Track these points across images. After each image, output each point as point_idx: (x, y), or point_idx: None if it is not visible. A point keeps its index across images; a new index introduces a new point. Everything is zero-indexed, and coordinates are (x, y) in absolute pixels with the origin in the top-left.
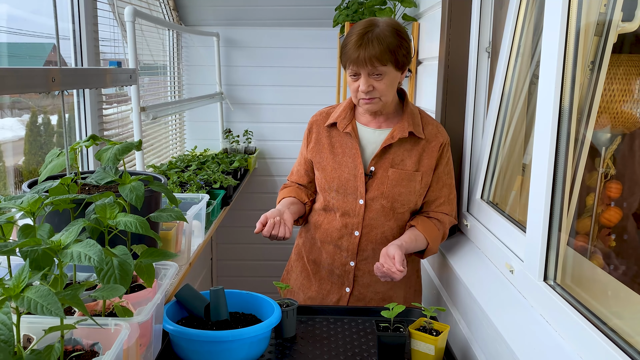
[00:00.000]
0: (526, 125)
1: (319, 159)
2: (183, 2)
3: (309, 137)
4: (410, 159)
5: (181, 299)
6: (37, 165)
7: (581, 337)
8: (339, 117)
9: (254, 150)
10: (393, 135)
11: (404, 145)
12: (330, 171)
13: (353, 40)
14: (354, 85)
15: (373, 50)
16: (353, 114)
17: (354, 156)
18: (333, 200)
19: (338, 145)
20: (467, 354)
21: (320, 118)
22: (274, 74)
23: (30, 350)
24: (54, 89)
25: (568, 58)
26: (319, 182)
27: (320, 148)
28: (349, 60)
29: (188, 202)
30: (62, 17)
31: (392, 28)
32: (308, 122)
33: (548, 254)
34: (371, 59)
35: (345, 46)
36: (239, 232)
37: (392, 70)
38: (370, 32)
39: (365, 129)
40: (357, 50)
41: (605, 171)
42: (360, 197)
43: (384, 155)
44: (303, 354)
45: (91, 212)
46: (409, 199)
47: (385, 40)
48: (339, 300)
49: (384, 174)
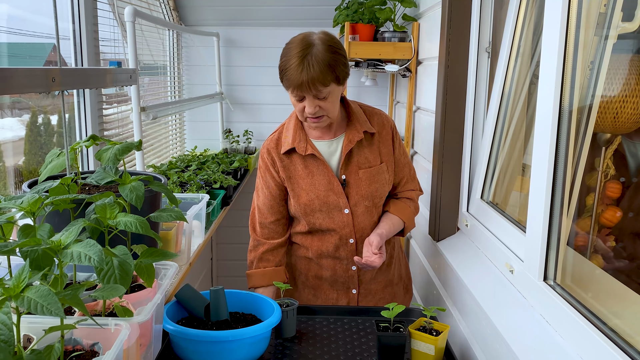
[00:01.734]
0: (526, 125)
1: (292, 186)
2: (183, 2)
3: (274, 166)
4: (372, 155)
5: (181, 299)
6: (37, 165)
7: (581, 337)
8: (294, 142)
9: (254, 150)
10: (350, 140)
11: (362, 145)
12: (306, 195)
13: (293, 64)
14: (299, 106)
15: (315, 74)
16: (304, 133)
17: (323, 173)
18: (319, 220)
19: (302, 167)
20: (467, 354)
21: (273, 146)
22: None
23: (30, 350)
24: (54, 89)
25: (568, 58)
26: (298, 208)
27: (289, 175)
28: (292, 86)
29: (188, 202)
30: (62, 17)
31: (327, 45)
32: (261, 153)
33: (548, 254)
34: (314, 82)
35: (285, 70)
36: (239, 232)
37: (334, 87)
38: (309, 54)
39: (321, 144)
40: (299, 75)
41: (605, 171)
42: (345, 207)
43: (349, 162)
44: (303, 354)
45: (91, 212)
46: (384, 190)
47: (325, 61)
48: (349, 302)
49: (356, 178)
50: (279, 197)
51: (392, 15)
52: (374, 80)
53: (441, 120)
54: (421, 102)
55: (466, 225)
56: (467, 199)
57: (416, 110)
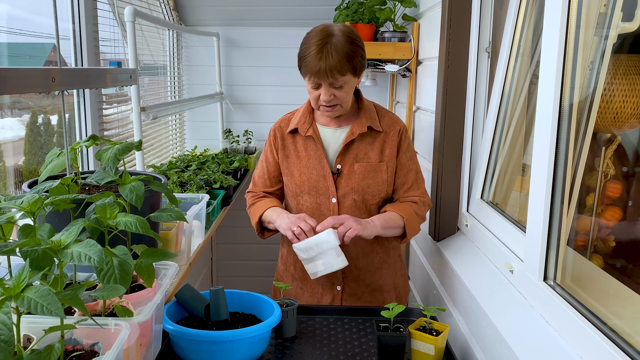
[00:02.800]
0: (526, 125)
1: (287, 164)
2: (183, 2)
3: (275, 144)
4: (373, 152)
5: (181, 299)
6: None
7: (581, 337)
8: (299, 122)
9: (254, 150)
10: (353, 131)
11: (365, 140)
12: (298, 175)
13: (312, 52)
14: (315, 93)
15: (333, 62)
16: (312, 117)
17: (319, 157)
18: (306, 203)
19: (302, 149)
20: (467, 354)
21: (282, 125)
22: (274, 74)
23: (30, 350)
24: (54, 89)
25: (568, 58)
26: (289, 187)
27: (286, 154)
28: (309, 73)
29: (188, 202)
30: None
31: (347, 36)
32: (270, 128)
33: (548, 254)
34: (332, 70)
35: (304, 57)
36: (239, 232)
37: (350, 78)
38: (328, 43)
39: (326, 130)
40: (317, 62)
41: (605, 171)
42: (332, 196)
43: (347, 152)
44: (303, 354)
45: (91, 212)
46: (378, 189)
47: (344, 51)
48: (333, 300)
49: (350, 170)
50: (272, 174)
51: (392, 15)
52: (374, 80)
53: (441, 120)
54: (421, 102)
55: (466, 225)
56: (467, 198)
57: (416, 110)
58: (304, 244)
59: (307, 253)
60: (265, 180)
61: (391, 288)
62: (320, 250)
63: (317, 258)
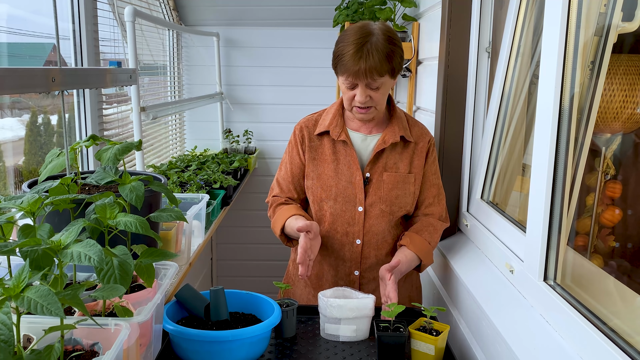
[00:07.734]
0: (526, 125)
1: (313, 167)
2: (183, 2)
3: (302, 144)
4: (402, 162)
5: (181, 299)
6: (37, 165)
7: (581, 337)
8: (330, 125)
9: (254, 150)
10: (385, 140)
11: (395, 149)
12: (326, 179)
13: (351, 51)
14: (349, 94)
15: (373, 63)
16: (343, 120)
17: (350, 164)
18: (330, 209)
19: (332, 153)
20: (467, 354)
21: (309, 125)
22: (274, 74)
23: (30, 350)
24: (54, 89)
25: (568, 58)
26: (314, 191)
27: (314, 156)
28: (347, 73)
29: (188, 202)
30: (62, 17)
31: (387, 36)
32: (295, 128)
33: (548, 254)
34: (371, 71)
35: (341, 56)
36: (239, 232)
37: (388, 79)
38: (368, 42)
39: (356, 135)
40: (356, 62)
41: (605, 171)
42: (360, 204)
43: (377, 161)
44: (303, 354)
45: (91, 212)
46: (405, 201)
47: (384, 51)
48: None
49: (379, 179)
50: (297, 176)
51: (392, 15)
52: None
53: (441, 120)
54: (421, 102)
55: (466, 225)
56: (467, 199)
57: (416, 110)
58: (343, 302)
59: (342, 313)
60: (289, 183)
61: (406, 301)
62: (357, 314)
63: (348, 322)
